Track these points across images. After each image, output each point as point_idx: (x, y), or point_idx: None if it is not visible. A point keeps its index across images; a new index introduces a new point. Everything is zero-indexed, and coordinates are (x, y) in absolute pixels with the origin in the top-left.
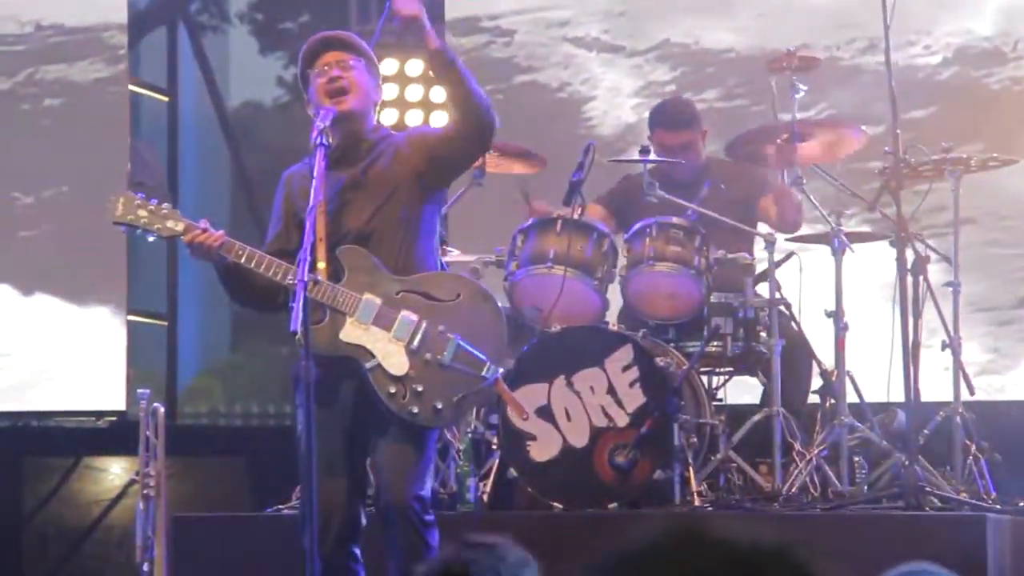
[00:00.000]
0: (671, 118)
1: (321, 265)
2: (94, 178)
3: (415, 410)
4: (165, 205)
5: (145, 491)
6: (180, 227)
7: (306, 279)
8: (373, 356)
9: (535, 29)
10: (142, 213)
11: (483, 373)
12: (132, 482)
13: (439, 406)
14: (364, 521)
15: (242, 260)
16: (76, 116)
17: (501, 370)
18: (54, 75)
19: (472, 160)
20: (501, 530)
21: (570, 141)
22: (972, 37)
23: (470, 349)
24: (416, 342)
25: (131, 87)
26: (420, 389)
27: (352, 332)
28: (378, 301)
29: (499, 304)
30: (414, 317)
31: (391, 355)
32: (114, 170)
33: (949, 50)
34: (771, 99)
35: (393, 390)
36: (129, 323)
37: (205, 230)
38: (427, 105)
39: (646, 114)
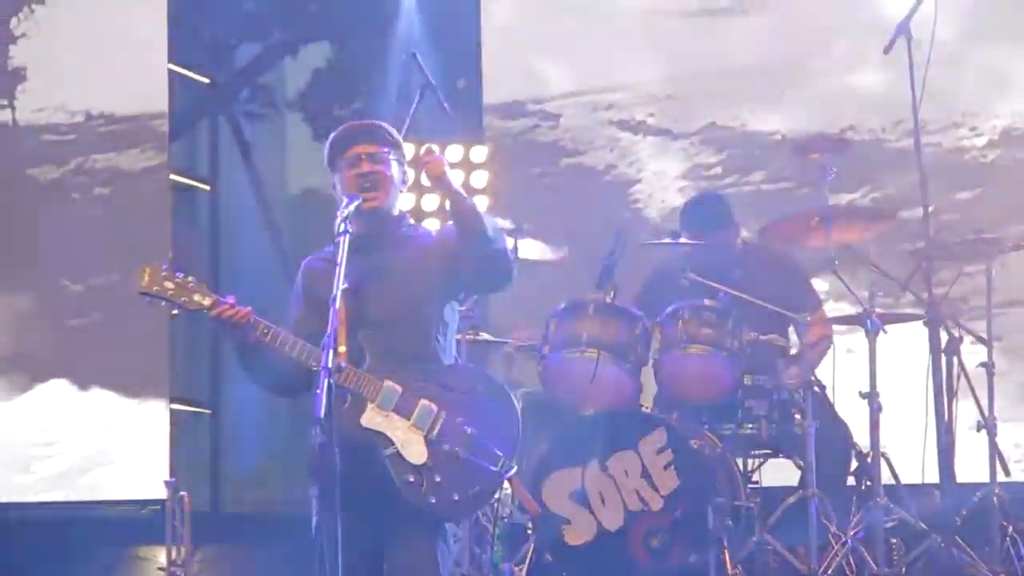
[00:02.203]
0: (702, 221)
1: (342, 349)
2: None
3: (433, 500)
4: (191, 278)
5: None
6: (207, 301)
7: (330, 366)
8: (392, 443)
9: (581, 112)
10: (168, 285)
11: (499, 468)
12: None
13: (456, 498)
14: None
15: (267, 339)
16: (126, 204)
17: (515, 467)
18: (103, 164)
19: (486, 293)
20: None
21: (616, 224)
22: (1018, 119)
23: (487, 444)
24: (436, 432)
25: (172, 177)
26: (438, 479)
27: (373, 418)
28: (399, 389)
29: (515, 400)
30: (434, 407)
31: (410, 443)
32: (163, 258)
33: (995, 132)
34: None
35: (412, 479)
36: (172, 412)
37: (232, 305)
38: (468, 190)
39: (693, 194)
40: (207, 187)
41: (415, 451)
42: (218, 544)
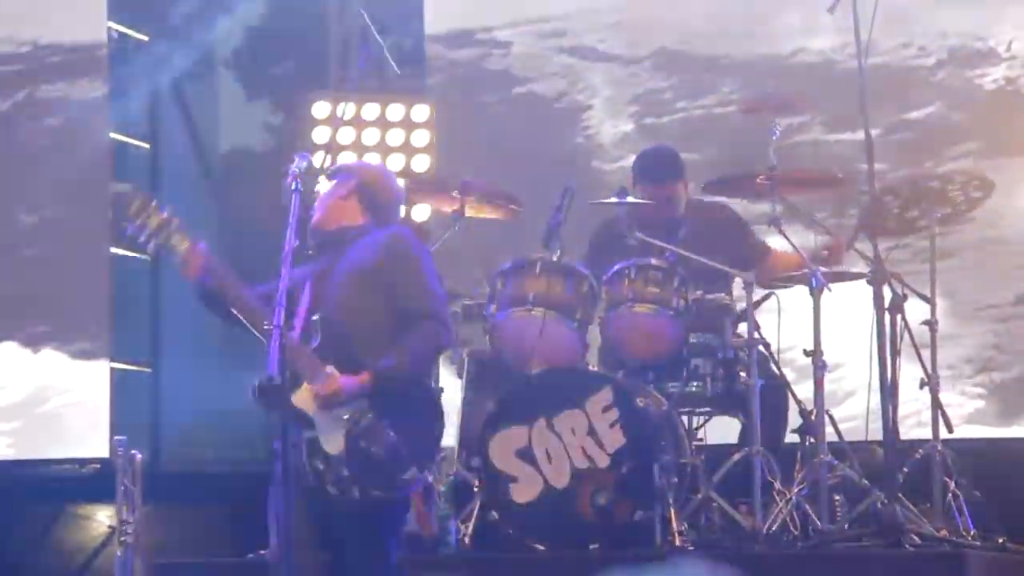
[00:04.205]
0: (655, 173)
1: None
2: (96, 197)
3: (334, 491)
4: (176, 220)
5: (123, 538)
6: (183, 246)
7: (282, 324)
8: (313, 428)
9: (531, 40)
10: (153, 220)
11: (405, 476)
12: (115, 529)
13: (356, 495)
14: None
15: (227, 294)
16: (76, 135)
17: (422, 478)
18: (55, 94)
19: None
20: (482, 572)
21: (568, 151)
22: (966, 38)
23: (402, 451)
24: (358, 429)
25: (112, 135)
26: (345, 474)
27: (302, 397)
28: (337, 376)
29: (443, 416)
30: (364, 404)
31: (330, 432)
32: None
33: (944, 51)
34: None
35: (321, 466)
36: (113, 370)
37: (201, 255)
38: (408, 149)
39: (645, 121)
40: (146, 145)
41: (333, 441)
42: (158, 502)
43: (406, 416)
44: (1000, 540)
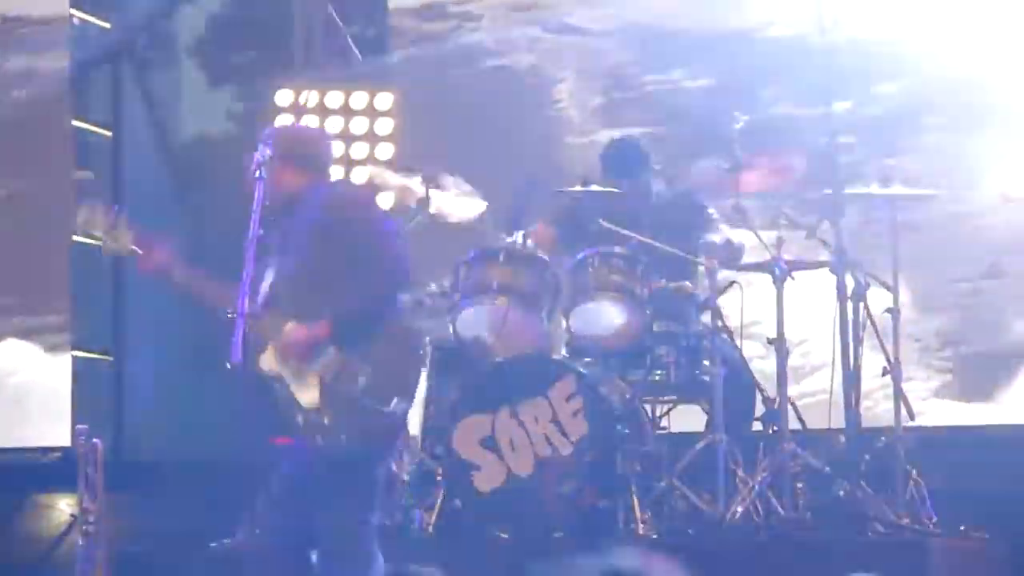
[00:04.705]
0: (622, 166)
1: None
2: (63, 172)
3: (319, 439)
4: (122, 220)
5: (85, 527)
6: (126, 251)
7: (246, 311)
8: (287, 385)
9: (503, 14)
10: (97, 232)
11: (390, 407)
12: (77, 518)
13: (342, 439)
14: None
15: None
16: (45, 107)
17: (406, 406)
18: (22, 66)
19: None
20: (446, 561)
21: (539, 125)
22: (937, 12)
23: (379, 385)
24: (330, 374)
25: (74, 123)
26: (326, 421)
27: (268, 358)
28: (295, 326)
29: (420, 343)
30: (331, 351)
31: (303, 384)
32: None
33: (913, 25)
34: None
35: (301, 420)
36: (75, 359)
37: (152, 255)
38: (372, 138)
39: (615, 95)
40: (108, 132)
41: (308, 395)
42: (120, 491)
43: (376, 352)
44: (961, 528)
